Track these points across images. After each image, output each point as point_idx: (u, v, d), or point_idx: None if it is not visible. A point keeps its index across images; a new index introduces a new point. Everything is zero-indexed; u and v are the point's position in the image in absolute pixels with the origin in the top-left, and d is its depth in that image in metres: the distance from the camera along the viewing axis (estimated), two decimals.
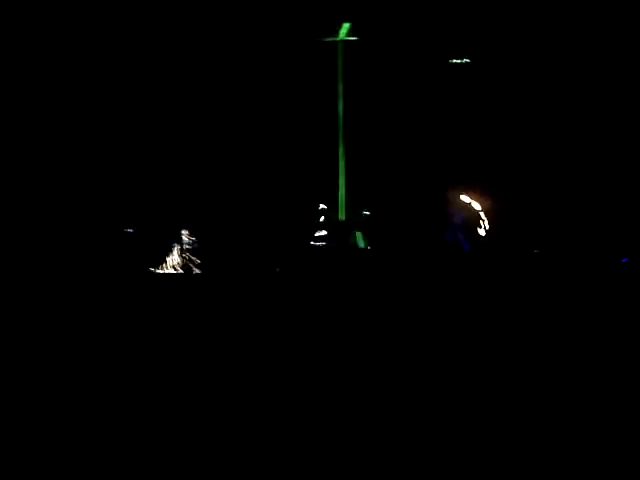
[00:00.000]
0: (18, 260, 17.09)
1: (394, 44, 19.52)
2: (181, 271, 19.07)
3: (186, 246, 19.21)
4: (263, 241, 18.62)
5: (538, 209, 17.52)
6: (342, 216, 19.43)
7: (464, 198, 18.31)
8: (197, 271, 18.91)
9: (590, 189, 17.20)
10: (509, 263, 16.74)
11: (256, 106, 19.65)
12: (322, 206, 19.37)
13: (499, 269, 16.42)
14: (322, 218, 19.26)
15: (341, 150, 19.86)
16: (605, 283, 14.56)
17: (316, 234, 18.94)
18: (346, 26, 19.95)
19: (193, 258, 19.24)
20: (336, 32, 20.11)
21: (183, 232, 19.28)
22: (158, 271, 19.05)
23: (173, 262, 19.20)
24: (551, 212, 17.50)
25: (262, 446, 4.77)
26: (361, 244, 18.78)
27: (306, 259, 17.81)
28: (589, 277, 15.12)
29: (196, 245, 19.30)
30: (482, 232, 18.12)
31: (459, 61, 19.01)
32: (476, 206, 18.14)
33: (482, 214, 18.12)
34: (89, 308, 12.99)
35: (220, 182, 19.45)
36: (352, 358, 8.81)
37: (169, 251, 19.10)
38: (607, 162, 17.18)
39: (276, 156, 19.55)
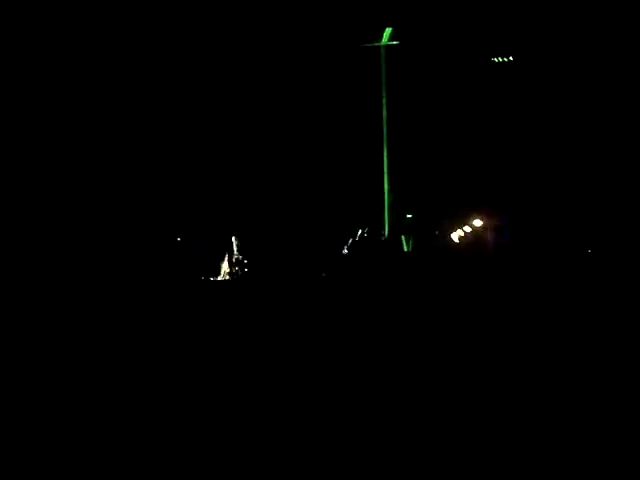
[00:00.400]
0: (71, 267, 17.73)
1: (435, 47, 19.52)
2: (230, 278, 19.54)
3: (236, 255, 19.63)
4: (310, 248, 18.88)
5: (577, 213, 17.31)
6: (387, 222, 19.56)
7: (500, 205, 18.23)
8: (247, 278, 19.32)
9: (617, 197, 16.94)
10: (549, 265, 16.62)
11: (300, 111, 19.86)
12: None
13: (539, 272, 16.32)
14: (365, 227, 19.40)
15: (385, 154, 19.99)
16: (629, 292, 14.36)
17: (361, 240, 19.11)
18: (388, 31, 20.03)
19: (243, 266, 19.65)
20: (379, 37, 20.21)
21: (233, 241, 19.71)
22: (213, 278, 19.52)
23: (225, 270, 19.65)
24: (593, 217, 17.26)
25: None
26: (406, 247, 18.90)
27: (352, 264, 18.03)
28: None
29: (245, 254, 19.69)
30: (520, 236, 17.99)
31: (500, 60, 18.88)
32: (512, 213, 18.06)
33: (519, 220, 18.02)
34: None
35: (266, 189, 19.77)
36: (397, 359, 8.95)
37: (221, 259, 19.55)
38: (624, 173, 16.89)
39: (321, 162, 19.76)
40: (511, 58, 19.02)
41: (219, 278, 19.86)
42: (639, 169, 16.91)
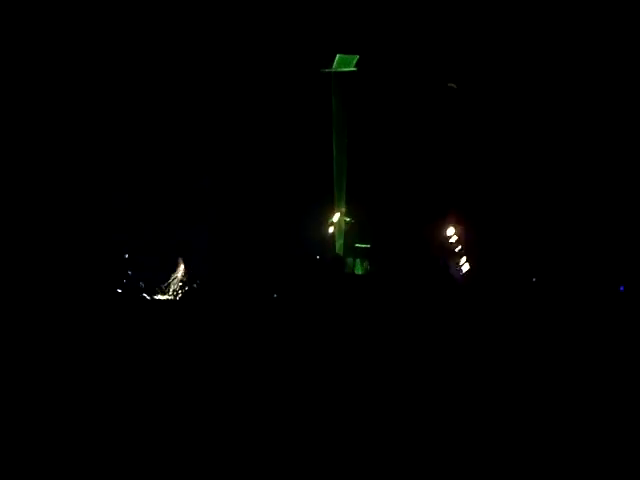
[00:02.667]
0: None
1: (390, 75, 19.70)
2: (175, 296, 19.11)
3: (182, 273, 19.25)
4: (260, 267, 18.66)
5: (532, 234, 17.65)
6: (339, 245, 19.51)
7: (456, 224, 18.46)
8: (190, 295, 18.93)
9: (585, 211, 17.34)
10: (503, 289, 16.84)
11: (246, 134, 19.67)
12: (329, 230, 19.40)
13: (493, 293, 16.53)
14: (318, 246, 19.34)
15: (335, 182, 19.93)
16: (602, 311, 14.69)
17: (314, 260, 19.02)
18: (339, 57, 19.96)
19: (190, 284, 19.27)
20: (332, 64, 20.19)
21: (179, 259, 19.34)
22: (154, 296, 19.06)
23: (169, 286, 19.22)
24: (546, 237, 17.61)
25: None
26: (359, 271, 18.87)
27: (303, 285, 17.85)
28: (586, 305, 15.25)
29: (193, 272, 19.33)
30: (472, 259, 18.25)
31: (454, 87, 19.16)
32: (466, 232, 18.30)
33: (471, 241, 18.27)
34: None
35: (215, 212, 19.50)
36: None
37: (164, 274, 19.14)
38: (604, 186, 17.33)
39: (270, 187, 19.60)
40: (468, 82, 19.23)
41: (163, 297, 19.38)
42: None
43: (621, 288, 16.23)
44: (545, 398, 7.88)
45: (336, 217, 19.75)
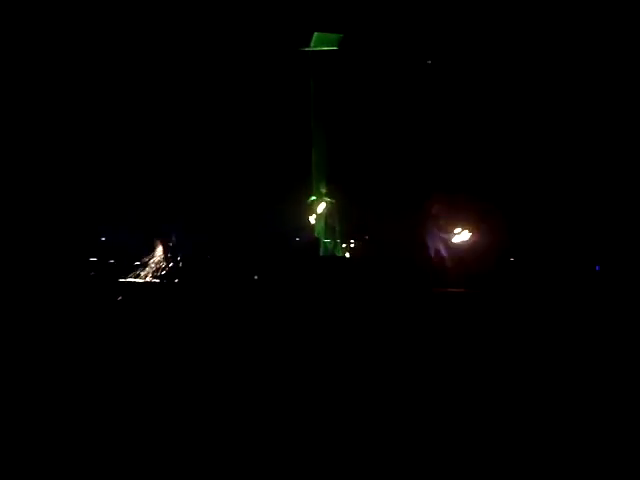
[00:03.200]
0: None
1: (370, 54, 19.55)
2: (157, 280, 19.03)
3: (160, 255, 19.17)
4: (239, 250, 18.62)
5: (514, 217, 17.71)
6: (319, 228, 19.48)
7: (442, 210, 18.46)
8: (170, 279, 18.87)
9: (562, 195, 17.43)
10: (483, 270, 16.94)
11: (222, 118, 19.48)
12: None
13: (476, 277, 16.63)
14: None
15: (314, 166, 19.82)
16: (579, 291, 14.85)
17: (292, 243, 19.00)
18: (316, 36, 19.69)
19: (169, 266, 19.19)
20: (310, 42, 19.93)
21: (159, 240, 19.23)
22: (134, 280, 18.97)
23: (149, 270, 19.14)
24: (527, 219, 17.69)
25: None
26: (338, 253, 18.89)
27: (284, 267, 17.86)
28: (563, 285, 15.40)
29: (171, 253, 19.24)
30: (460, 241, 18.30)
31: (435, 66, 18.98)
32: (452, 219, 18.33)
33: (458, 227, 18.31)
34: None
35: (194, 191, 19.37)
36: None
37: (146, 259, 19.05)
38: (580, 169, 17.41)
39: (248, 168, 19.47)
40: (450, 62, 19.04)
41: (140, 280, 19.30)
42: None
43: (597, 268, 16.40)
44: (524, 378, 7.94)
45: (314, 199, 19.72)
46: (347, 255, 19.10)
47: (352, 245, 19.14)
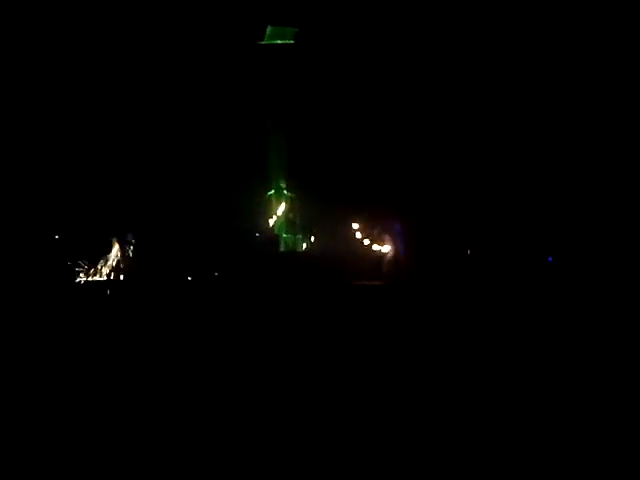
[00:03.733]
0: None
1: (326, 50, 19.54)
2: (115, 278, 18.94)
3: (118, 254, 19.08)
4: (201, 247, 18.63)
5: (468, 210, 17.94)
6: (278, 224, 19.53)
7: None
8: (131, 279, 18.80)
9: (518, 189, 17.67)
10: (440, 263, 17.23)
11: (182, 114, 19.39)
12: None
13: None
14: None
15: (273, 153, 19.82)
16: (532, 282, 15.22)
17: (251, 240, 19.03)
18: (269, 30, 19.57)
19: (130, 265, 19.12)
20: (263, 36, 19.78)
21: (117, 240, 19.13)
22: (93, 278, 18.87)
23: (106, 269, 19.05)
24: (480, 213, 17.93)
25: None
26: (299, 247, 19.02)
27: (242, 264, 17.95)
28: (517, 277, 15.75)
29: (131, 253, 19.16)
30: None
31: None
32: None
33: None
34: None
35: (156, 189, 19.28)
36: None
37: (102, 259, 18.95)
38: (533, 162, 17.65)
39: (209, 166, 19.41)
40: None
41: (98, 278, 19.21)
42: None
43: (549, 259, 16.78)
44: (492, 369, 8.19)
45: (272, 193, 19.78)
46: (304, 249, 19.25)
47: (311, 240, 19.26)
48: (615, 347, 9.63)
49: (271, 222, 19.65)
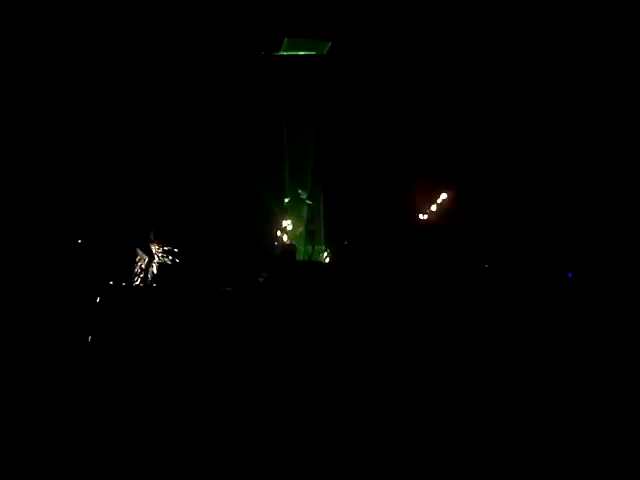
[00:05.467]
0: None
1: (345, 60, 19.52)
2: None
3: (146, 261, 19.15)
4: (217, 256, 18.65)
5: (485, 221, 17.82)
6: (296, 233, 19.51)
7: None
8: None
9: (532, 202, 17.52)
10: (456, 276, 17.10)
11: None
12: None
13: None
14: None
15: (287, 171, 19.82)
16: (552, 298, 15.00)
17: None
18: (286, 41, 19.57)
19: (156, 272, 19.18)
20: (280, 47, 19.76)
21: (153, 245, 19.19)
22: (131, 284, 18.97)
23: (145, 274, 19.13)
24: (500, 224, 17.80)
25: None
26: (320, 258, 18.95)
27: (261, 274, 17.91)
28: (535, 292, 15.55)
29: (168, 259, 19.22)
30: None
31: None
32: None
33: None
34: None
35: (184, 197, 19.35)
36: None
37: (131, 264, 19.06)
38: (544, 174, 17.49)
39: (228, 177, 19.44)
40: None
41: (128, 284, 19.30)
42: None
43: (569, 275, 16.56)
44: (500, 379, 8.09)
45: (289, 200, 19.75)
46: (326, 260, 19.18)
47: (332, 250, 19.20)
48: (631, 367, 9.47)
49: (288, 231, 19.63)
